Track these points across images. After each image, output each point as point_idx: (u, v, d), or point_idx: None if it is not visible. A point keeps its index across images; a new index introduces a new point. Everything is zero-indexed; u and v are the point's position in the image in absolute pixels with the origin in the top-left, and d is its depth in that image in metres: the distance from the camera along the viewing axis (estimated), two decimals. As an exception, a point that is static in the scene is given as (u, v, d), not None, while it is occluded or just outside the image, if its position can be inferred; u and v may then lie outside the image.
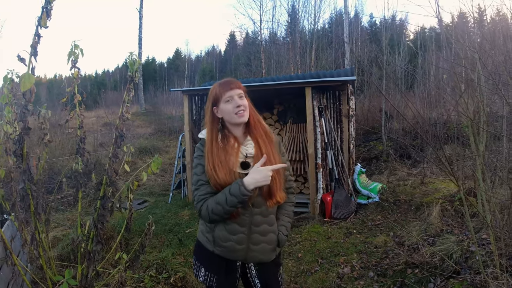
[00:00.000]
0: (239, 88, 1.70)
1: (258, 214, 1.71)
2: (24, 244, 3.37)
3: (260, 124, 1.77)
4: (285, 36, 28.26)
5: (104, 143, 11.62)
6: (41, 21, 1.95)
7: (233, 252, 1.72)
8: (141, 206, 6.42)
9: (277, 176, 1.68)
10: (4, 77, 2.77)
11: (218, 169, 1.63)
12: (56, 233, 4.83)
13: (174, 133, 14.72)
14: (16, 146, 2.13)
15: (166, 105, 23.29)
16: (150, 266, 3.72)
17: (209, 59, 55.09)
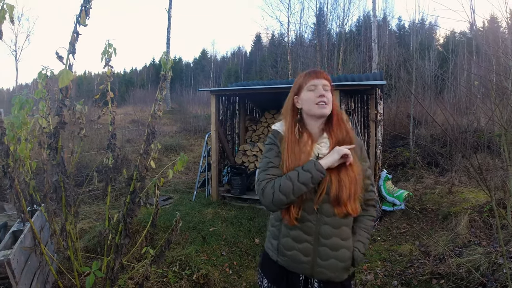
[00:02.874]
0: (326, 79, 1.56)
1: (327, 224, 1.51)
2: (52, 235, 3.49)
3: (343, 123, 1.59)
4: (311, 38, 28.13)
5: (131, 140, 11.89)
6: (80, 19, 2.02)
7: (297, 263, 1.55)
8: (166, 202, 6.53)
9: (348, 181, 1.48)
10: (39, 73, 2.88)
11: (290, 161, 1.52)
12: (82, 225, 4.99)
13: (199, 132, 14.90)
14: (51, 140, 2.22)
15: (192, 104, 23.65)
16: (174, 262, 3.78)
17: (235, 60, 55.48)
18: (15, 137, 2.57)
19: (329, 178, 1.48)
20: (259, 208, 5.94)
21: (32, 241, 2.72)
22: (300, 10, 46.61)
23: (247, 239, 4.56)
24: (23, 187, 2.71)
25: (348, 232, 1.57)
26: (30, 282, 2.60)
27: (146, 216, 4.66)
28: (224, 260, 3.95)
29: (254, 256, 4.14)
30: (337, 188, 1.47)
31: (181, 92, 33.36)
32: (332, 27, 23.56)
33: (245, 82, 6.97)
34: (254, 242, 4.52)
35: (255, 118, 8.17)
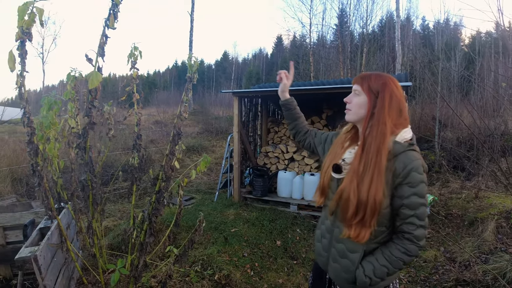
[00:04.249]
0: (358, 83, 1.46)
1: (338, 228, 1.50)
2: (78, 232, 3.58)
3: (380, 139, 1.34)
4: (333, 40, 27.92)
5: (155, 140, 12.10)
6: (108, 22, 2.08)
7: (319, 256, 1.65)
8: (188, 202, 6.60)
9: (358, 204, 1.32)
10: (68, 75, 2.97)
11: (326, 161, 1.56)
12: (107, 223, 5.10)
13: (220, 133, 15.02)
14: (80, 140, 2.28)
15: (214, 105, 23.86)
16: (196, 261, 3.81)
17: (256, 61, 55.72)
18: (44, 136, 2.65)
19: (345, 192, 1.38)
20: (281, 210, 5.93)
21: (58, 238, 2.79)
22: (322, 11, 46.35)
23: (268, 241, 4.55)
24: (51, 185, 2.79)
25: (355, 245, 1.43)
26: (55, 278, 2.64)
27: (169, 216, 4.73)
28: (246, 261, 3.95)
29: (275, 258, 4.13)
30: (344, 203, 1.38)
31: (203, 93, 33.74)
32: (355, 28, 23.30)
33: (267, 84, 6.97)
34: (276, 244, 4.50)
35: (277, 120, 8.15)
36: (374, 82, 1.42)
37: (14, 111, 28.71)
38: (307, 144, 1.88)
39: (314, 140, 1.83)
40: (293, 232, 4.94)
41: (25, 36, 2.12)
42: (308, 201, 5.94)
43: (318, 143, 1.81)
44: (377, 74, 1.46)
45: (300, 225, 5.25)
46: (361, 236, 1.35)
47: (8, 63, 2.12)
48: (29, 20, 2.06)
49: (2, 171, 7.84)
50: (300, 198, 6.11)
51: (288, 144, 7.06)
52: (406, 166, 1.32)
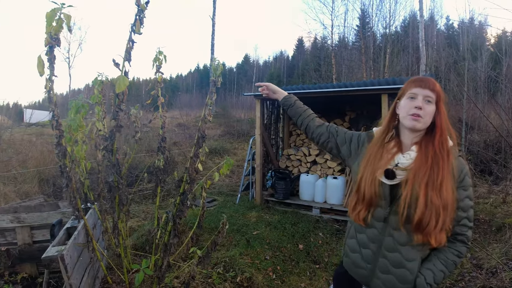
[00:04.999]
0: (432, 90, 1.41)
1: (391, 236, 1.44)
2: (104, 232, 3.65)
3: (444, 142, 1.39)
4: (355, 41, 27.64)
5: (178, 143, 12.25)
6: (135, 28, 2.12)
7: (357, 267, 1.56)
8: (211, 204, 6.64)
9: (440, 206, 1.30)
10: (95, 79, 3.04)
11: (366, 168, 1.48)
12: (131, 223, 5.19)
13: (242, 136, 15.09)
14: (107, 142, 2.33)
15: (235, 108, 23.99)
16: (218, 263, 3.83)
17: (277, 64, 55.74)
18: (71, 139, 2.72)
19: (413, 196, 1.34)
20: (303, 213, 5.89)
21: (85, 238, 2.84)
22: (344, 12, 45.96)
23: (290, 244, 4.52)
24: (78, 186, 2.85)
25: (414, 253, 1.41)
26: (81, 277, 2.69)
27: (192, 217, 4.77)
28: (268, 264, 3.94)
29: (297, 262, 4.10)
30: (423, 212, 1.31)
31: (224, 96, 34.05)
32: (378, 29, 23.01)
33: (289, 87, 6.94)
34: (298, 247, 4.47)
35: (299, 123, 8.11)
36: (440, 90, 1.44)
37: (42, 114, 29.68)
38: (324, 141, 1.75)
39: (336, 139, 1.71)
40: (315, 236, 4.89)
41: (53, 42, 2.18)
42: (331, 205, 5.87)
43: (342, 143, 1.69)
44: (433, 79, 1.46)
45: (323, 229, 5.19)
46: (443, 239, 1.36)
47: (37, 67, 2.19)
48: (57, 26, 2.13)
49: (30, 172, 8.10)
50: (322, 201, 6.05)
51: (311, 147, 7.00)
52: (462, 171, 1.39)
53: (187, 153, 10.82)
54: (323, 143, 1.76)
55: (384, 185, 1.43)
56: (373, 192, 1.44)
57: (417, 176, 1.34)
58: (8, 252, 3.43)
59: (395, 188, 1.42)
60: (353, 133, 1.71)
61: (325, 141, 1.74)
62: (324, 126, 1.78)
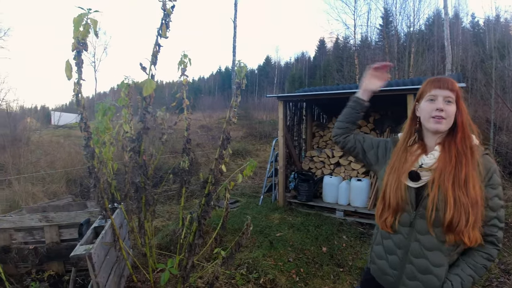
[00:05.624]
0: (452, 90, 1.38)
1: (418, 241, 1.39)
2: (130, 232, 3.72)
3: (470, 139, 1.38)
4: (378, 40, 27.24)
5: (201, 144, 12.39)
6: (161, 32, 2.16)
7: (384, 274, 1.53)
8: (233, 205, 6.67)
9: (469, 204, 1.27)
10: (121, 83, 3.11)
11: (390, 174, 1.47)
12: (156, 223, 5.27)
13: (264, 137, 15.09)
14: (134, 144, 2.38)
15: (257, 110, 24.04)
16: (242, 264, 3.83)
17: (298, 65, 55.51)
18: (99, 140, 2.79)
19: (441, 195, 1.31)
20: (326, 215, 5.83)
21: (111, 237, 2.89)
22: (366, 11, 45.34)
23: (314, 247, 4.48)
24: (106, 186, 2.91)
25: (441, 259, 1.36)
26: (107, 275, 2.73)
27: (215, 218, 4.80)
28: (291, 267, 3.92)
29: (321, 264, 4.06)
30: (452, 211, 1.28)
31: (246, 98, 34.21)
32: (402, 28, 22.59)
33: (312, 88, 6.91)
34: (322, 250, 4.43)
35: (323, 124, 8.05)
36: (459, 88, 1.40)
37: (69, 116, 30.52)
38: (350, 147, 1.73)
39: (363, 144, 1.69)
40: (339, 238, 4.84)
41: (81, 46, 2.25)
42: (355, 207, 5.79)
43: (369, 148, 1.67)
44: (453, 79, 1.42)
45: (347, 231, 5.13)
46: (478, 237, 1.31)
47: (65, 71, 2.26)
48: (84, 31, 2.19)
49: (58, 172, 8.34)
50: (346, 204, 5.98)
51: (334, 148, 6.94)
52: (490, 169, 1.34)
53: (210, 154, 10.91)
54: (348, 148, 1.74)
55: (410, 189, 1.41)
56: (399, 198, 1.42)
57: (443, 176, 1.32)
58: (36, 250, 3.53)
59: (421, 190, 1.39)
60: (380, 139, 1.69)
61: (351, 147, 1.73)
62: (353, 133, 1.76)
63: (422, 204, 1.37)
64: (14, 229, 3.57)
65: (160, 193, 7.02)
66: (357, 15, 23.12)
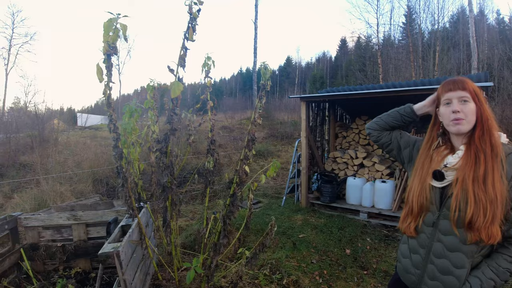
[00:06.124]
0: (464, 89, 1.38)
1: (440, 242, 1.39)
2: (156, 231, 3.79)
3: (487, 136, 1.36)
4: (400, 39, 26.76)
5: (222, 145, 12.47)
6: (188, 35, 2.20)
7: (407, 273, 1.54)
8: (256, 206, 6.69)
9: (487, 201, 1.26)
10: (148, 85, 3.18)
11: (416, 176, 1.48)
12: (180, 223, 5.35)
13: (285, 138, 15.05)
14: (162, 145, 2.43)
15: (278, 110, 23.99)
16: (265, 265, 3.85)
17: (320, 65, 55.13)
18: (126, 141, 2.85)
19: (463, 194, 1.31)
20: (350, 217, 5.78)
21: (138, 236, 2.95)
22: (389, 10, 44.54)
23: (337, 249, 4.45)
24: (133, 186, 2.98)
25: (463, 260, 1.34)
26: (134, 273, 2.78)
27: (238, 218, 4.84)
28: (314, 268, 3.90)
29: (344, 267, 4.02)
30: (473, 209, 1.27)
31: (267, 99, 34.08)
32: (427, 26, 22.11)
33: (335, 88, 6.84)
34: (345, 252, 4.39)
35: (346, 125, 7.98)
36: (473, 86, 1.40)
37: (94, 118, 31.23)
38: (385, 142, 1.73)
39: (400, 141, 1.69)
40: (363, 241, 4.78)
41: (111, 50, 2.31)
42: (379, 210, 5.71)
43: (405, 145, 1.67)
44: (466, 78, 1.43)
45: (371, 234, 5.06)
46: (496, 235, 1.28)
47: (96, 75, 2.33)
48: (114, 35, 2.25)
49: (85, 172, 8.58)
50: (370, 206, 5.91)
51: (358, 149, 6.85)
52: None
53: (232, 155, 10.98)
54: (384, 143, 1.74)
55: (435, 189, 1.41)
56: (423, 199, 1.43)
57: (465, 174, 1.32)
58: (63, 248, 3.63)
59: (445, 190, 1.39)
60: (417, 138, 1.69)
61: (387, 142, 1.73)
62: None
63: (446, 204, 1.37)
64: (42, 227, 3.68)
65: (183, 193, 7.11)
66: (379, 14, 22.85)
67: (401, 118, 1.67)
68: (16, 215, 3.67)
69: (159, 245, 4.19)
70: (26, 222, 3.64)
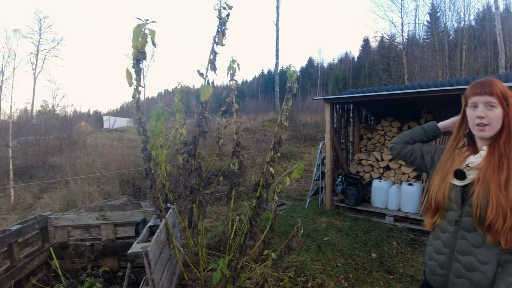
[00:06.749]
0: (491, 94, 1.34)
1: (464, 239, 1.37)
2: (182, 231, 3.85)
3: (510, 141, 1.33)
4: (425, 38, 26.16)
5: (245, 147, 12.53)
6: (217, 39, 2.23)
7: (433, 275, 1.51)
8: (279, 208, 6.69)
9: (508, 208, 1.23)
10: (175, 88, 3.24)
11: (437, 174, 1.49)
12: (204, 224, 5.40)
13: (308, 140, 14.97)
14: (190, 147, 2.47)
15: (301, 112, 23.87)
16: (289, 267, 3.84)
17: (342, 66, 54.59)
18: (154, 144, 2.92)
19: (484, 194, 1.29)
20: (375, 221, 5.69)
21: (165, 236, 3.01)
22: (414, 8, 43.59)
23: (363, 253, 4.39)
24: (160, 187, 3.04)
25: (489, 256, 1.31)
26: (161, 273, 2.83)
27: (262, 220, 4.84)
28: (340, 272, 3.87)
29: (370, 271, 3.96)
30: (493, 212, 1.25)
31: (289, 100, 34.00)
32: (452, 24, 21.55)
33: (359, 89, 6.75)
34: (371, 256, 4.33)
35: (371, 126, 7.87)
36: (502, 88, 1.36)
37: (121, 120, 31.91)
38: (408, 152, 1.76)
39: (422, 147, 1.71)
40: (389, 245, 4.70)
41: (140, 55, 2.37)
42: (406, 213, 5.60)
43: (427, 151, 1.68)
44: (495, 79, 1.39)
45: (397, 238, 4.97)
46: None
47: (126, 79, 2.39)
48: (142, 41, 2.31)
49: (112, 173, 8.79)
50: (396, 209, 5.80)
51: (383, 151, 6.74)
52: None
53: (255, 157, 11.01)
54: (407, 153, 1.78)
55: (456, 188, 1.40)
56: (441, 196, 1.43)
57: (487, 175, 1.30)
58: (92, 247, 3.74)
59: (467, 189, 1.38)
60: (438, 145, 1.70)
61: (409, 152, 1.76)
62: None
63: (468, 202, 1.36)
64: (72, 226, 3.79)
65: (208, 194, 7.19)
66: (404, 13, 22.43)
67: (425, 133, 1.75)
68: (46, 215, 3.79)
69: (185, 245, 4.25)
70: (56, 222, 3.76)
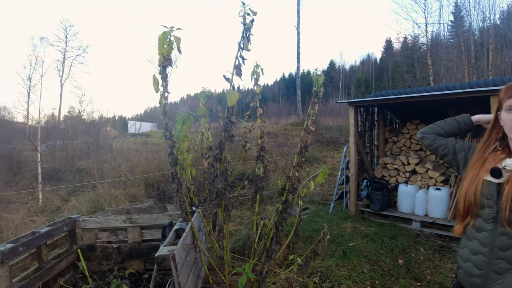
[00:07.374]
0: None
1: (504, 235, 1.34)
2: (207, 235, 3.87)
3: None
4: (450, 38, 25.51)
5: (267, 151, 12.53)
6: (243, 45, 2.25)
7: (469, 277, 1.46)
8: (303, 212, 6.65)
9: None
10: (200, 93, 3.28)
11: (467, 177, 1.46)
12: (229, 227, 5.43)
13: (331, 144, 14.84)
14: (216, 151, 2.50)
15: (323, 115, 23.72)
16: (314, 273, 3.81)
17: (364, 68, 53.87)
18: (181, 148, 2.96)
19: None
20: (401, 226, 5.57)
21: (191, 239, 3.04)
22: (438, 8, 42.49)
23: (389, 259, 4.31)
24: (186, 191, 3.07)
25: None
26: (187, 276, 2.85)
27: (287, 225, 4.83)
28: (366, 278, 3.80)
29: (397, 277, 3.88)
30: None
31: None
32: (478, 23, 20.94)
33: (384, 92, 6.64)
34: (397, 262, 4.23)
35: (396, 129, 7.73)
36: None
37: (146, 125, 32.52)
38: (440, 146, 1.71)
39: (456, 145, 1.65)
40: (416, 251, 4.59)
41: (166, 62, 2.42)
42: (433, 218, 5.46)
43: (461, 149, 1.63)
44: None
45: (424, 244, 4.85)
46: None
47: (153, 85, 2.45)
48: (168, 48, 2.35)
49: (137, 177, 8.97)
50: (423, 214, 5.66)
51: (409, 155, 6.60)
52: None
53: (277, 161, 10.99)
54: (438, 147, 1.72)
55: (491, 184, 1.36)
56: (471, 196, 1.40)
57: None
58: (119, 249, 3.81)
59: (501, 186, 1.34)
60: (472, 143, 1.65)
61: (442, 146, 1.70)
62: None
63: (503, 197, 1.32)
64: (99, 229, 3.89)
65: (232, 198, 7.22)
66: (428, 13, 21.94)
67: (458, 125, 1.70)
68: (74, 217, 3.90)
69: (209, 249, 4.28)
70: (84, 224, 3.85)
